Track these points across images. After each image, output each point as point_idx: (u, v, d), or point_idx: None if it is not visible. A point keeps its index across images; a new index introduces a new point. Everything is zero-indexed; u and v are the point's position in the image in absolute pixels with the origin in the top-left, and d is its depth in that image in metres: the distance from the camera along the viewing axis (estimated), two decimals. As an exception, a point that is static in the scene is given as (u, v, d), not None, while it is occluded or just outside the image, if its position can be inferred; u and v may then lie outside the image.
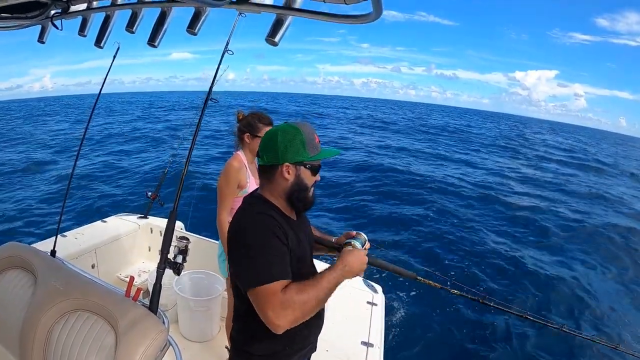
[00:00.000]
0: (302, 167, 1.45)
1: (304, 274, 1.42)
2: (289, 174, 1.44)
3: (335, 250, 1.70)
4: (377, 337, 2.75)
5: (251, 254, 1.32)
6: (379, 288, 3.42)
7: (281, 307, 1.25)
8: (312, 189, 1.52)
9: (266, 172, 1.48)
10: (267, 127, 2.49)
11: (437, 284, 1.72)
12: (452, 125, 44.28)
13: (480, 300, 1.66)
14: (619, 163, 28.90)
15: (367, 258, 1.51)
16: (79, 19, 1.87)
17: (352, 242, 1.58)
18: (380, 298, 3.28)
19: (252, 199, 1.53)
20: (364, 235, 1.64)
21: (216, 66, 2.18)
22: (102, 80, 2.57)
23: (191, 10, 1.64)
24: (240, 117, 2.57)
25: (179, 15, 1.74)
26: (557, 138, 50.22)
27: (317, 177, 1.52)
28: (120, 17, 1.88)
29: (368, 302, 3.20)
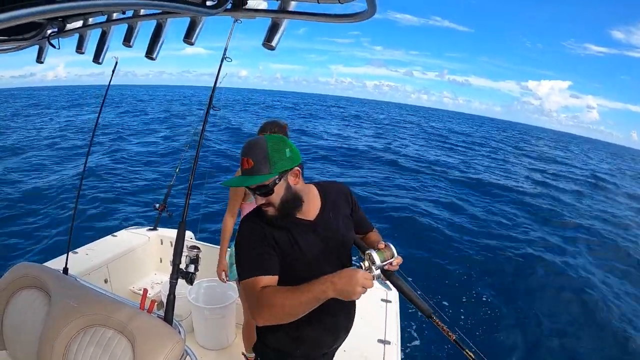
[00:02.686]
0: None
1: (303, 274, 1.41)
2: None
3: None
4: (394, 335, 2.74)
5: (238, 254, 1.51)
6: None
7: (257, 303, 1.37)
8: (264, 207, 1.48)
9: None
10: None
11: (452, 335, 1.48)
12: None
13: None
14: None
15: (364, 281, 1.30)
16: (76, 36, 1.88)
17: (369, 252, 1.43)
18: (394, 295, 3.27)
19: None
20: (391, 250, 1.46)
21: (216, 73, 2.19)
22: (105, 92, 2.59)
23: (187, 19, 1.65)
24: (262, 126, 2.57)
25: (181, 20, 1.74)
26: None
27: (256, 200, 1.49)
28: (117, 32, 1.89)
29: (382, 300, 3.19)
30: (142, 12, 1.70)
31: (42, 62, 2.01)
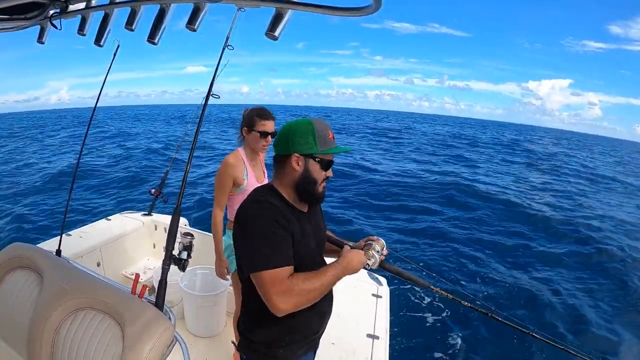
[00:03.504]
0: (311, 160, 1.49)
1: (306, 266, 1.48)
2: (298, 165, 1.48)
3: None
4: (383, 330, 2.75)
5: (254, 241, 1.38)
6: (383, 280, 3.42)
7: (286, 293, 1.32)
8: (322, 184, 1.54)
9: (278, 162, 1.54)
10: (264, 121, 2.47)
11: (449, 295, 1.76)
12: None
13: (488, 314, 1.71)
14: None
15: (364, 258, 1.58)
16: (78, 18, 1.87)
17: (372, 244, 1.68)
18: (385, 290, 3.29)
19: (261, 187, 1.59)
20: (382, 242, 1.71)
21: (217, 61, 2.18)
22: (104, 77, 2.58)
23: (190, 7, 1.64)
24: (245, 113, 2.57)
25: (180, 17, 1.73)
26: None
27: (329, 173, 1.54)
28: (120, 15, 1.87)
29: (373, 295, 3.20)
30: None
31: (43, 43, 1.99)
